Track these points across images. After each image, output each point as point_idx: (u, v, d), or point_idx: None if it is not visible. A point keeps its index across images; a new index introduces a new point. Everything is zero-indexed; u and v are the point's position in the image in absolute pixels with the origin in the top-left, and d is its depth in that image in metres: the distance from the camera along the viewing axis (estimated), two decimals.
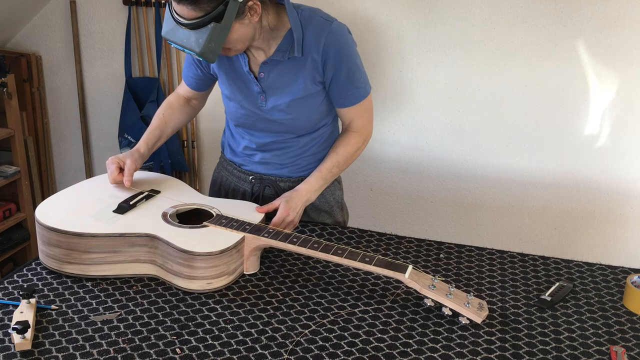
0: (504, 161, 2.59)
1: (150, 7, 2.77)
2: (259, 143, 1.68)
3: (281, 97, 1.57)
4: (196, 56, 1.39)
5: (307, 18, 1.51)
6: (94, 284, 1.37)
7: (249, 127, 1.67)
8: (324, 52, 1.51)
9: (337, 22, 1.54)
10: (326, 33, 1.50)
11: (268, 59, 1.53)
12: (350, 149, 1.65)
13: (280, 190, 1.72)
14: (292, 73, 1.55)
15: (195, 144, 2.97)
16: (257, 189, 1.74)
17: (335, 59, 1.52)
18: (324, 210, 1.76)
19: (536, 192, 2.60)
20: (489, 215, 2.69)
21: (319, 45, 1.51)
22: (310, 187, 1.62)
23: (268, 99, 1.58)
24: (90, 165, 3.19)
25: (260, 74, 1.56)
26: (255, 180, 1.74)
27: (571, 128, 2.48)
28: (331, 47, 1.51)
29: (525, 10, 2.37)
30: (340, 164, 1.65)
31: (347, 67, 1.55)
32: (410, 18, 2.50)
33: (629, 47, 2.31)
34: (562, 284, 1.45)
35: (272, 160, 1.70)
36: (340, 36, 1.52)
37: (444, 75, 2.54)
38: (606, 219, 2.55)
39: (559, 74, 2.41)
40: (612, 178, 2.49)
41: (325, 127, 1.69)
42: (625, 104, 2.39)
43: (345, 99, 1.60)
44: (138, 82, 2.88)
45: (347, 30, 1.56)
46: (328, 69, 1.54)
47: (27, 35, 3.02)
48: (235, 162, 1.77)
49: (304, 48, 1.51)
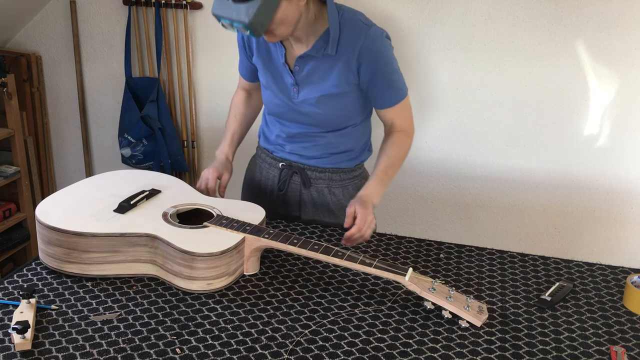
0: (504, 161, 2.59)
1: (150, 7, 2.77)
2: (289, 133, 1.74)
3: (313, 91, 1.63)
4: (244, 29, 1.41)
5: (347, 19, 1.56)
6: (94, 284, 1.37)
7: (280, 116, 1.74)
8: (359, 56, 1.56)
9: (375, 28, 1.57)
10: (363, 38, 1.54)
11: (304, 53, 1.59)
12: (398, 148, 1.68)
13: (307, 179, 1.77)
14: (326, 70, 1.60)
15: (195, 144, 2.97)
16: (285, 176, 1.80)
17: (371, 63, 1.57)
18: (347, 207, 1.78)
19: (536, 192, 2.60)
20: (489, 215, 2.69)
21: (354, 49, 1.55)
22: (371, 190, 1.62)
23: (300, 91, 1.64)
24: (90, 165, 3.19)
25: (295, 67, 1.62)
26: (284, 167, 1.80)
27: (571, 128, 2.48)
28: (367, 53, 1.55)
29: (525, 10, 2.37)
30: (393, 165, 1.67)
31: (383, 72, 1.59)
32: (410, 18, 2.50)
33: (629, 47, 2.31)
34: (562, 284, 1.45)
35: (300, 152, 1.76)
36: (377, 42, 1.56)
37: (444, 75, 2.54)
38: (606, 219, 2.55)
39: (559, 74, 2.41)
40: (612, 178, 2.49)
41: (354, 126, 1.72)
42: (625, 104, 2.39)
43: (385, 100, 1.64)
44: (138, 82, 2.88)
45: (385, 35, 1.59)
46: (363, 73, 1.58)
47: (27, 35, 3.02)
48: (268, 149, 1.84)
49: (340, 48, 1.56)
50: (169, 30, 2.81)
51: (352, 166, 1.79)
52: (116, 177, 1.66)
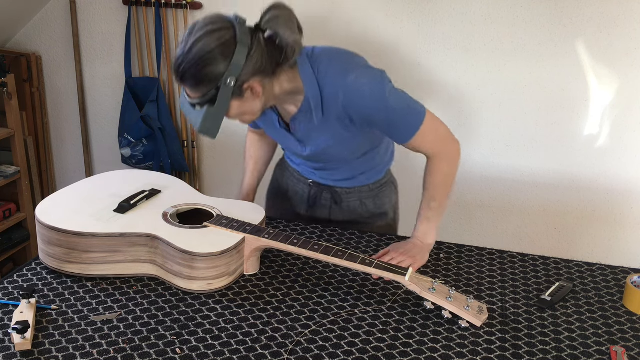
0: (504, 161, 2.59)
1: (150, 7, 2.77)
2: (312, 166, 1.71)
3: (317, 145, 1.55)
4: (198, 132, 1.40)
5: (323, 74, 1.42)
6: (94, 284, 1.37)
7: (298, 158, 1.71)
8: (346, 111, 1.44)
9: (353, 76, 1.40)
10: (341, 94, 1.41)
11: (295, 115, 1.50)
12: (434, 177, 1.55)
13: (337, 196, 1.72)
14: (321, 127, 1.50)
15: (195, 144, 2.97)
16: (315, 193, 1.76)
17: (361, 113, 1.44)
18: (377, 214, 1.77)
19: (536, 192, 2.60)
20: (489, 215, 2.69)
21: (338, 106, 1.43)
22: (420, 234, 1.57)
23: (306, 146, 1.57)
24: (90, 165, 3.19)
25: (292, 127, 1.55)
26: (313, 185, 1.75)
27: (571, 128, 2.48)
28: (351, 106, 1.42)
29: (525, 10, 2.37)
30: (435, 197, 1.55)
31: (378, 116, 1.44)
32: (410, 18, 2.50)
33: (629, 47, 2.31)
34: (562, 284, 1.45)
35: (328, 177, 1.72)
36: (359, 92, 1.40)
37: (444, 75, 2.54)
38: (606, 219, 2.55)
39: (559, 74, 2.42)
40: (612, 178, 2.49)
41: (373, 150, 1.65)
42: (625, 104, 2.39)
43: (398, 137, 1.50)
44: (138, 82, 2.88)
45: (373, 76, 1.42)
46: (359, 122, 1.47)
47: (27, 35, 3.02)
48: (295, 168, 1.79)
49: (325, 108, 1.45)
50: (169, 30, 2.82)
51: (381, 176, 1.74)
52: (116, 177, 1.66)
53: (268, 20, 1.34)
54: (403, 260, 1.48)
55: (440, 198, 1.55)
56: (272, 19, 1.34)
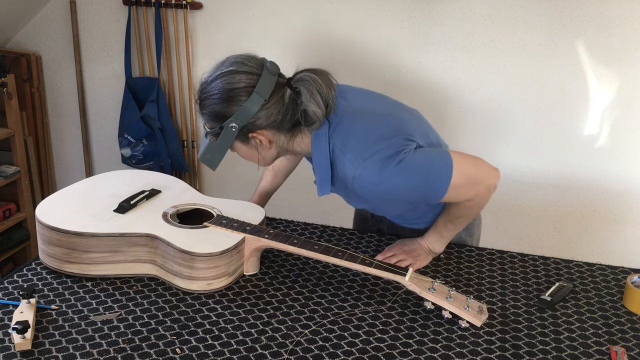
0: (504, 161, 2.59)
1: (150, 7, 2.77)
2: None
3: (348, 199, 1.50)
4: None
5: (337, 154, 1.35)
6: (94, 284, 1.37)
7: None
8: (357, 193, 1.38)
9: (362, 167, 1.31)
10: (351, 181, 1.34)
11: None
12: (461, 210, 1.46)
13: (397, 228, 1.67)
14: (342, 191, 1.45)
15: (195, 144, 2.97)
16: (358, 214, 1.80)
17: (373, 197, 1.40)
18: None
19: (536, 192, 2.60)
20: (489, 215, 2.69)
21: (349, 187, 1.36)
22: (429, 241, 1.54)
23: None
24: (90, 165, 3.19)
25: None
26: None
27: (571, 128, 2.48)
28: (363, 191, 1.36)
29: (525, 10, 2.37)
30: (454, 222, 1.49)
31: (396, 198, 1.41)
32: (410, 18, 2.50)
33: (629, 47, 2.31)
34: (562, 284, 1.45)
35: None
36: (367, 184, 1.33)
37: (444, 75, 2.54)
38: (606, 219, 2.55)
39: (559, 74, 2.42)
40: (612, 178, 2.49)
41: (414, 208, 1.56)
42: (625, 104, 2.39)
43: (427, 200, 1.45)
44: (138, 82, 2.88)
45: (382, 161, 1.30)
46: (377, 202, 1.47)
47: (27, 35, 3.02)
48: None
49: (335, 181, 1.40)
50: (169, 30, 2.81)
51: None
52: (116, 177, 1.66)
53: (298, 80, 1.31)
54: (404, 259, 1.49)
55: (459, 226, 1.52)
56: (302, 81, 1.30)
